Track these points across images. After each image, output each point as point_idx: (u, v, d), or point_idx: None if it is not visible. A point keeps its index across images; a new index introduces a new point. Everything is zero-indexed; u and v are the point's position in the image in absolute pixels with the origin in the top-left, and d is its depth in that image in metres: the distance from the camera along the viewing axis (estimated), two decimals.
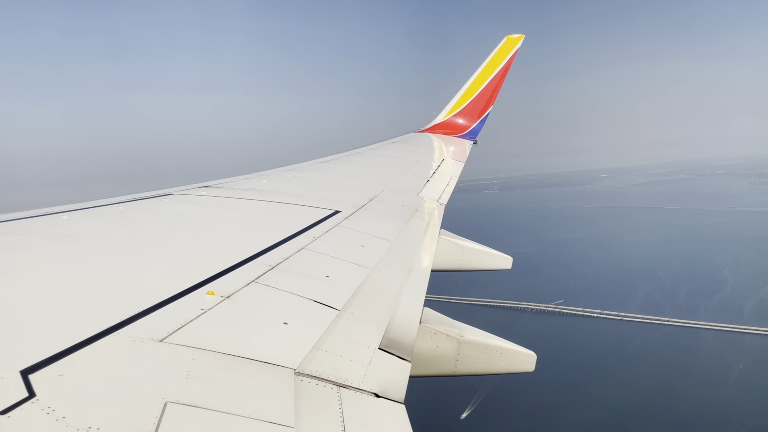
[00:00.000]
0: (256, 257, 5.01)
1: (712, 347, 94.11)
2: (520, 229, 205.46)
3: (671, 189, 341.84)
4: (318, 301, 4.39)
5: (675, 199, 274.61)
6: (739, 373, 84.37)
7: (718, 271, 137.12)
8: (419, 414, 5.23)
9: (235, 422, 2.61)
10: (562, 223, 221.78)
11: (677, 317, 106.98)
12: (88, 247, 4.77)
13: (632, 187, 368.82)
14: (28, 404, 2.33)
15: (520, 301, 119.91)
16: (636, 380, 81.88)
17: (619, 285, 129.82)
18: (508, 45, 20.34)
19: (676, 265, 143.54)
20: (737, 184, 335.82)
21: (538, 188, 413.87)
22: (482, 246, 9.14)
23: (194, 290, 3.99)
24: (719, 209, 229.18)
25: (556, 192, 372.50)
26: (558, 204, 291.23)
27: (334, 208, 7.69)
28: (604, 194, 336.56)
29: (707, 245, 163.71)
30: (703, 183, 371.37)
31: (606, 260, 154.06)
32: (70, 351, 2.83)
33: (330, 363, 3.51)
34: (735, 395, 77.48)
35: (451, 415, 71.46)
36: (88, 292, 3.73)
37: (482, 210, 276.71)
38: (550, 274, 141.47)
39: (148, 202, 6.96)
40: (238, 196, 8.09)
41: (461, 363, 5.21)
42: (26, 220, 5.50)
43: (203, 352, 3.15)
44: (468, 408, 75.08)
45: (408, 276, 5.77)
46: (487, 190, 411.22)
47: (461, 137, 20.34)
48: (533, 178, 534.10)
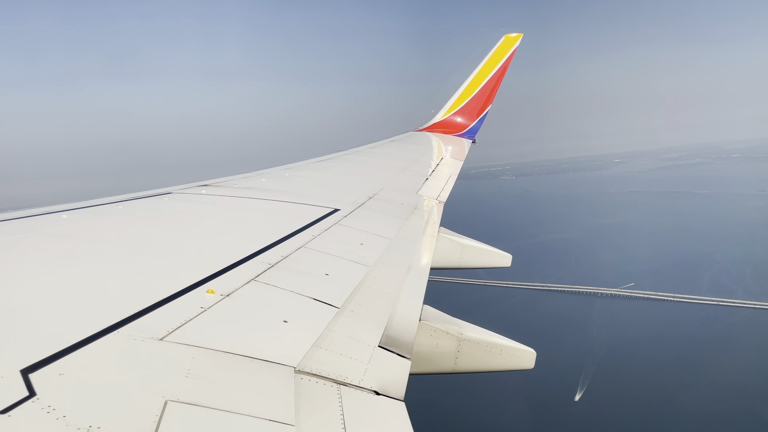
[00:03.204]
0: (256, 255, 5.02)
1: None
2: (553, 215, 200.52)
3: (691, 173, 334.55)
4: (318, 299, 4.39)
5: (701, 184, 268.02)
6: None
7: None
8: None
9: (235, 420, 2.61)
10: (595, 208, 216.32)
11: (752, 300, 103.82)
12: (88, 246, 4.77)
13: (650, 172, 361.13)
14: (29, 403, 2.33)
15: (587, 286, 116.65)
16: (739, 362, 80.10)
17: (680, 269, 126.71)
18: (506, 44, 20.35)
19: (729, 248, 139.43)
20: (757, 167, 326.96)
21: (554, 174, 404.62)
22: (481, 243, 9.14)
23: (194, 289, 3.99)
24: (750, 193, 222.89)
25: (575, 177, 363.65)
26: (582, 189, 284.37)
27: (333, 207, 7.69)
28: (624, 179, 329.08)
29: (753, 229, 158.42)
30: (721, 167, 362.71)
31: (657, 245, 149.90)
32: (70, 350, 2.83)
33: (330, 361, 3.51)
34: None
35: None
36: (87, 291, 3.73)
37: (506, 197, 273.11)
38: (604, 258, 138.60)
39: (147, 201, 6.96)
40: (237, 194, 8.09)
41: (461, 360, 5.22)
42: (25, 219, 5.50)
43: (203, 351, 3.15)
44: (579, 390, 74.64)
45: (407, 274, 5.77)
46: (503, 177, 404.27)
47: (460, 136, 20.35)
48: (546, 163, 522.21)
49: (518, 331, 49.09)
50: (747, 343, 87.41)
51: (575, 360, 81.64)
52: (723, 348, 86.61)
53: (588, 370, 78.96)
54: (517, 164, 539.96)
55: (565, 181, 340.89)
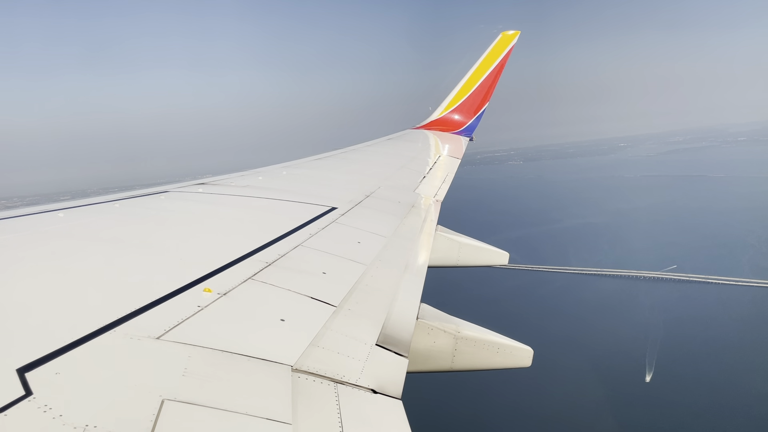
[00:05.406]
0: (253, 254, 5.01)
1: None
2: (572, 200, 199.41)
3: (701, 157, 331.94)
4: (315, 298, 4.39)
5: (714, 167, 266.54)
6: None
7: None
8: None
9: (232, 419, 2.61)
10: (612, 192, 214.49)
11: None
12: (85, 244, 4.76)
13: (659, 156, 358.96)
14: (25, 402, 2.33)
15: (628, 270, 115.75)
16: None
17: (717, 252, 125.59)
18: (503, 41, 20.35)
19: (760, 231, 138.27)
20: (766, 150, 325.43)
21: (562, 158, 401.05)
22: (479, 242, 9.15)
23: (191, 287, 3.99)
24: (765, 176, 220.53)
25: (584, 162, 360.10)
26: (595, 174, 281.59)
27: (330, 205, 7.69)
28: (634, 163, 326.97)
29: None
30: (730, 150, 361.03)
31: (687, 228, 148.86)
32: (66, 349, 2.82)
33: (327, 359, 3.51)
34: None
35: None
36: (84, 290, 3.72)
37: (519, 182, 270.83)
38: (637, 242, 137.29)
39: (144, 199, 6.95)
40: (234, 193, 8.08)
41: (458, 358, 5.22)
42: (22, 218, 5.49)
43: (200, 350, 3.15)
44: (648, 372, 74.37)
45: (405, 272, 5.78)
46: (511, 162, 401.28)
47: (457, 134, 20.36)
48: (551, 148, 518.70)
49: (570, 315, 49.65)
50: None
51: (635, 343, 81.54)
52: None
53: (652, 352, 78.52)
54: (521, 149, 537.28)
55: (574, 166, 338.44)
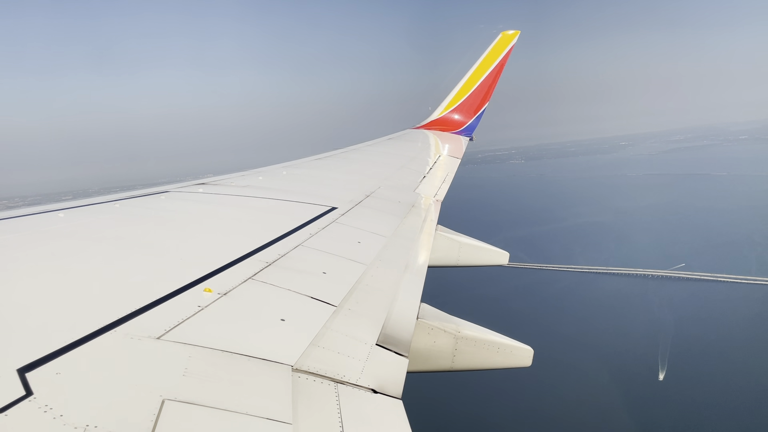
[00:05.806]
0: (253, 254, 5.02)
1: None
2: (576, 199, 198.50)
3: (703, 155, 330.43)
4: (315, 298, 4.39)
5: (717, 166, 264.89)
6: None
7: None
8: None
9: (232, 419, 2.62)
10: (616, 191, 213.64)
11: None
12: (85, 244, 4.77)
13: (661, 155, 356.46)
14: (26, 402, 2.33)
15: (636, 268, 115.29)
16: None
17: (724, 250, 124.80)
18: (503, 41, 20.35)
19: (766, 229, 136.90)
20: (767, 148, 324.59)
21: (564, 157, 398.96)
22: (479, 242, 9.14)
23: (191, 287, 3.99)
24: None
25: (586, 161, 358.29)
26: (598, 173, 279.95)
27: (330, 205, 7.69)
28: (637, 162, 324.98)
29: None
30: (732, 148, 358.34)
31: (693, 226, 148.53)
32: (67, 349, 2.83)
33: (327, 359, 3.52)
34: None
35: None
36: (84, 290, 3.73)
37: (522, 180, 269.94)
38: (644, 241, 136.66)
39: (144, 199, 6.96)
40: (235, 193, 8.09)
41: (458, 358, 5.22)
42: (22, 218, 5.50)
43: (200, 350, 3.15)
44: (661, 370, 74.07)
45: (405, 272, 5.78)
46: (512, 161, 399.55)
47: (457, 133, 20.36)
48: (553, 147, 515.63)
49: (579, 314, 49.59)
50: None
51: (647, 340, 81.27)
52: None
53: (663, 350, 78.22)
54: (522, 148, 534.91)
55: (577, 165, 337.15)
